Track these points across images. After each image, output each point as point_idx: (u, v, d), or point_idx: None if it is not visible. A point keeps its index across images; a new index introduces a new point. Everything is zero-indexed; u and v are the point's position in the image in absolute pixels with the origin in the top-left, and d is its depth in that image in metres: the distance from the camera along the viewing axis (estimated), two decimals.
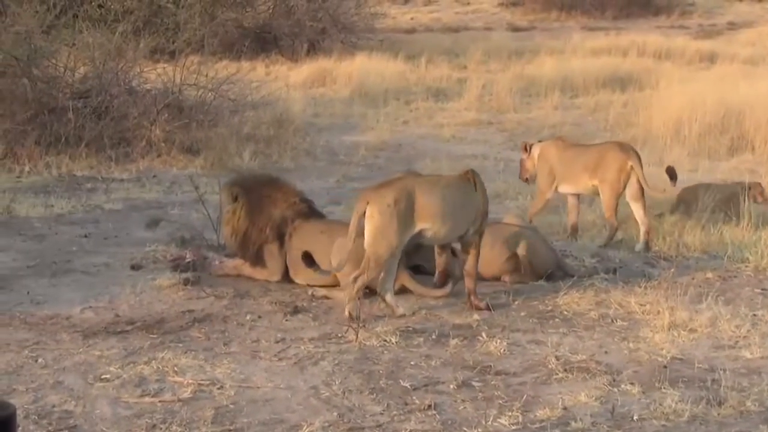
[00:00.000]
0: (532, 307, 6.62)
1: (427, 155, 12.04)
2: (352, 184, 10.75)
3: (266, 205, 7.07)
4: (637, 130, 13.35)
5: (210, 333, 6.04)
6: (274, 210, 7.05)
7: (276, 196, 7.10)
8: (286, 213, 7.04)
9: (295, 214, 7.05)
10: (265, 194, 7.12)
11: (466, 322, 6.27)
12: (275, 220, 7.03)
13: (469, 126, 14.57)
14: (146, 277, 7.09)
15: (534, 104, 16.39)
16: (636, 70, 19.09)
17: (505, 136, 13.94)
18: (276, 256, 7.03)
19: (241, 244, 7.14)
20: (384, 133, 13.63)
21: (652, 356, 5.72)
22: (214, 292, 6.80)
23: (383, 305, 6.44)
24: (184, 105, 12.57)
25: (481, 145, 13.24)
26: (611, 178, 8.17)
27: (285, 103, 14.47)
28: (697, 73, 18.46)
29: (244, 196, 7.13)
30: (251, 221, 7.08)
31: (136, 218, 9.02)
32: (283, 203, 7.08)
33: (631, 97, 16.47)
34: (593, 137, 13.08)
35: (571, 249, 8.08)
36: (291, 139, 12.67)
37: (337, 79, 18.58)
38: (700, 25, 32.04)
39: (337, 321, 6.20)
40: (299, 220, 7.03)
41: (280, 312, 6.44)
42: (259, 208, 7.07)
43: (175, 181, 10.65)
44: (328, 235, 6.87)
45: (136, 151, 11.60)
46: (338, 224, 7.10)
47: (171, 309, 6.48)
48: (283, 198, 7.10)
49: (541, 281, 7.12)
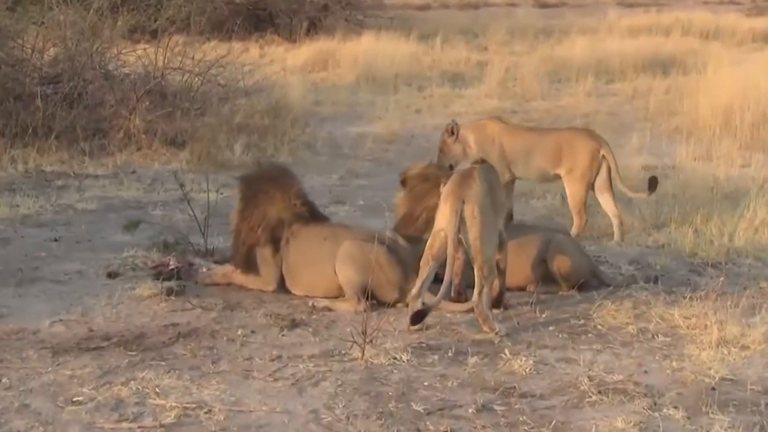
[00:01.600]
0: (561, 320, 6.59)
1: None
2: (358, 181, 10.74)
3: (261, 202, 7.06)
4: (681, 120, 13.32)
5: (196, 350, 6.01)
6: (270, 209, 7.04)
7: (274, 193, 7.07)
8: (282, 215, 7.02)
9: (292, 218, 7.03)
10: (263, 189, 7.10)
11: (487, 338, 6.23)
12: (270, 220, 7.01)
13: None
14: (124, 286, 7.07)
15: (564, 91, 16.36)
16: (680, 51, 19.07)
17: None
18: (270, 262, 7.02)
19: (233, 244, 7.16)
20: (394, 123, 13.61)
21: (699, 377, 5.68)
22: (201, 304, 6.78)
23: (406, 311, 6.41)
24: (167, 91, 12.59)
25: None
26: (582, 167, 8.30)
27: (282, 90, 14.48)
28: (749, 54, 18.44)
29: (241, 189, 7.17)
30: (243, 218, 7.08)
31: (112, 220, 9.00)
32: (281, 203, 7.05)
33: (674, 82, 16.43)
34: (631, 128, 13.08)
35: (607, 254, 8.06)
36: (288, 130, 12.65)
37: (340, 63, 18.59)
38: (753, 0, 31.97)
39: (340, 336, 6.16)
40: (298, 224, 7.02)
41: (275, 326, 6.41)
42: (253, 204, 7.07)
43: (157, 178, 10.63)
44: (332, 242, 6.86)
45: (113, 143, 11.60)
46: (343, 229, 7.08)
47: (152, 322, 6.46)
48: (282, 197, 7.06)
49: (572, 291, 7.11)
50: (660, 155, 11.62)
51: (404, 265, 6.75)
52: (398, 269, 6.73)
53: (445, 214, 6.22)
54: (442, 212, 6.26)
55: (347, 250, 6.75)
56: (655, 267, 7.79)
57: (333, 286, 6.81)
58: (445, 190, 6.33)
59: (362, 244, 6.76)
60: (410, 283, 6.64)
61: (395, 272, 6.72)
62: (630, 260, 7.93)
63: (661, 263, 7.87)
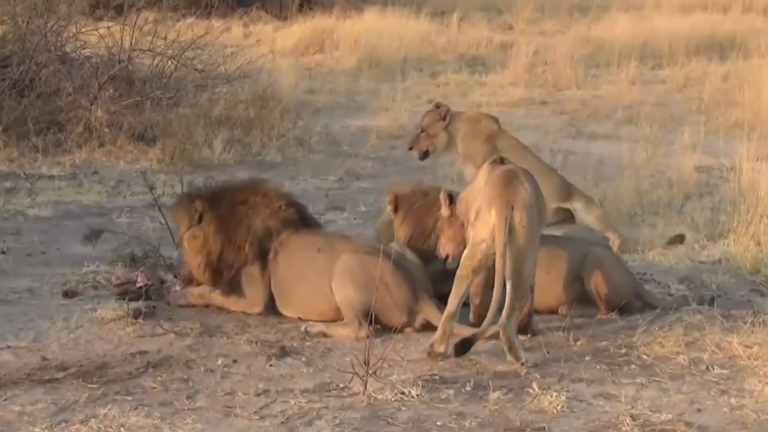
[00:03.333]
0: (600, 349, 6.59)
1: None
2: (359, 184, 10.77)
3: (243, 215, 7.07)
4: (741, 112, 13.32)
5: (168, 382, 6.00)
6: (254, 219, 7.06)
7: (254, 200, 7.10)
8: (269, 222, 7.04)
9: (281, 224, 7.05)
10: (239, 200, 7.12)
11: (512, 369, 6.22)
12: (256, 232, 7.04)
13: (516, 107, 14.57)
14: (83, 307, 7.09)
15: (603, 78, 16.38)
16: (740, 31, 19.05)
17: (565, 120, 13.93)
18: (257, 280, 7.03)
19: (214, 273, 7.13)
20: (402, 115, 13.59)
21: (762, 416, 5.66)
22: (175, 328, 6.78)
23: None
24: (134, 78, 12.58)
25: (533, 132, 13.19)
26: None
27: (270, 76, 14.46)
28: None
29: (210, 209, 7.13)
30: (226, 239, 7.07)
31: (70, 228, 8.99)
32: (265, 209, 7.07)
33: (733, 67, 16.43)
34: (682, 122, 13.08)
35: (653, 271, 8.06)
36: (278, 124, 12.67)
37: (339, 44, 18.61)
38: None
39: (338, 367, 6.14)
40: (287, 232, 7.04)
41: (262, 354, 6.42)
42: (234, 220, 7.07)
43: (123, 179, 10.65)
44: (327, 255, 6.87)
45: (71, 138, 11.62)
46: (341, 240, 7.10)
47: (116, 350, 6.45)
48: (264, 202, 7.09)
49: (612, 314, 7.12)
50: (716, 154, 11.63)
51: (413, 282, 6.76)
52: (406, 288, 6.73)
53: (489, 222, 6.26)
54: (484, 220, 6.29)
55: (346, 264, 6.75)
56: (711, 286, 7.80)
57: (330, 307, 6.83)
58: (487, 193, 6.34)
59: (363, 257, 6.76)
60: (420, 304, 6.68)
61: (402, 291, 6.71)
62: (680, 278, 7.94)
63: (718, 281, 7.88)
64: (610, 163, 11.30)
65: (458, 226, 6.92)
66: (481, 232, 6.30)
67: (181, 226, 7.24)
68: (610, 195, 9.93)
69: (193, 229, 7.11)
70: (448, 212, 6.96)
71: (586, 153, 12.06)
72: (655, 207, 9.81)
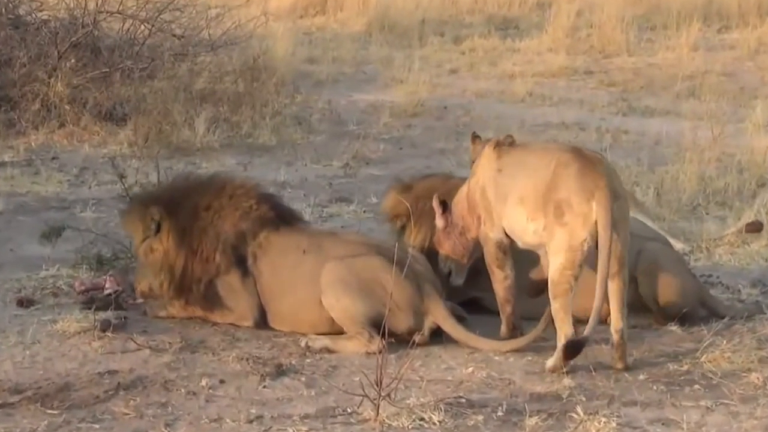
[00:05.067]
0: (656, 365, 6.58)
1: (488, 123, 11.96)
2: (369, 171, 10.76)
3: (208, 223, 7.11)
4: None
5: (143, 407, 5.95)
6: (223, 225, 7.10)
7: (219, 201, 7.15)
8: (241, 225, 7.09)
9: (256, 224, 7.09)
10: (202, 204, 7.15)
11: (551, 390, 6.22)
12: (227, 239, 7.08)
13: (555, 77, 14.57)
14: (42, 318, 7.09)
15: (660, 43, 16.35)
16: None
17: (614, 94, 13.92)
18: (239, 290, 7.06)
19: (180, 290, 7.15)
20: (420, 88, 13.59)
21: None
22: (150, 343, 6.78)
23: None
24: (101, 45, 12.58)
25: (575, 107, 13.23)
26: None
27: (262, 42, 14.45)
28: None
29: (168, 218, 7.15)
30: (190, 251, 7.09)
31: (25, 225, 9.01)
32: (234, 212, 7.12)
33: None
34: (754, 94, 13.03)
35: (720, 273, 8.05)
36: (272, 99, 12.67)
37: (344, 3, 18.56)
38: None
39: (344, 388, 6.11)
40: (265, 232, 7.08)
41: (254, 374, 6.40)
42: (198, 229, 7.10)
43: (88, 166, 10.65)
44: (314, 256, 6.91)
45: (26, 118, 11.63)
46: (327, 237, 7.14)
47: (81, 369, 6.43)
48: (232, 202, 7.15)
49: (671, 324, 7.11)
50: None
51: (416, 280, 6.76)
52: (408, 286, 6.74)
53: (589, 216, 6.32)
54: (583, 215, 6.32)
55: (333, 274, 6.78)
56: None
57: (322, 318, 6.84)
58: (574, 184, 6.35)
59: (350, 261, 6.80)
60: (427, 304, 6.69)
61: (405, 290, 6.72)
62: (753, 281, 7.93)
63: None
64: (668, 145, 11.29)
65: (457, 235, 6.99)
66: (578, 231, 6.32)
67: (135, 235, 7.26)
68: (668, 182, 9.91)
69: (149, 240, 7.14)
70: (443, 222, 7.01)
71: (639, 132, 12.06)
72: (721, 196, 9.83)
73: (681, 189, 9.79)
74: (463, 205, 6.89)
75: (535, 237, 6.49)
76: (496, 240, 6.76)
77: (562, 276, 6.34)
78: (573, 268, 6.32)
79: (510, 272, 6.76)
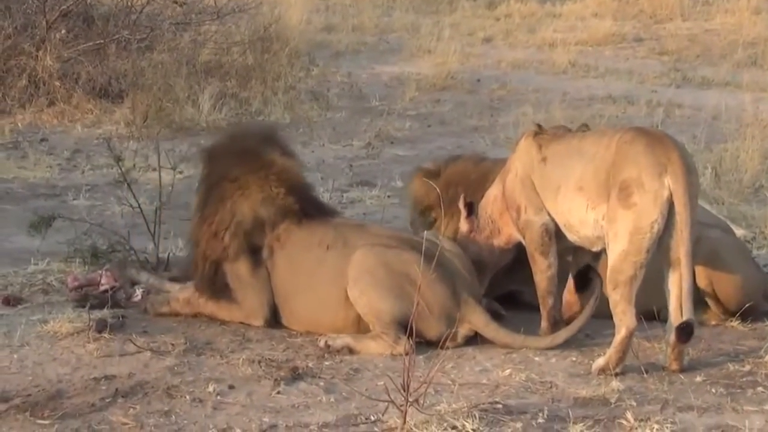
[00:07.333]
0: (715, 366, 6.61)
1: (526, 98, 12.03)
2: (393, 151, 10.73)
3: (228, 195, 7.11)
4: None
5: (144, 416, 5.96)
6: (242, 204, 7.08)
7: (247, 178, 7.12)
8: (260, 211, 7.07)
9: (276, 214, 7.08)
10: (231, 173, 7.14)
11: (598, 394, 6.23)
12: (242, 222, 7.07)
13: (601, 45, 14.64)
14: (30, 318, 7.13)
15: (717, 5, 16.35)
16: None
17: (666, 63, 13.97)
18: (249, 282, 7.08)
19: (192, 259, 7.20)
20: (450, 59, 13.62)
21: None
22: (152, 344, 6.80)
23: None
24: (94, 13, 12.61)
25: (624, 78, 13.26)
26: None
27: (274, 10, 14.54)
28: None
29: (203, 169, 7.30)
30: (201, 218, 7.14)
31: (11, 214, 9.04)
32: (258, 193, 7.10)
33: None
34: None
35: None
36: (285, 73, 12.70)
37: None
38: None
39: (368, 393, 6.15)
40: (285, 224, 7.06)
41: (267, 378, 6.41)
42: (216, 197, 7.13)
43: (81, 149, 10.69)
44: (338, 252, 6.87)
45: (12, 95, 11.67)
46: (355, 230, 7.06)
47: (75, 374, 6.43)
48: (260, 183, 7.11)
49: (732, 320, 7.10)
50: None
51: (452, 281, 6.72)
52: (442, 289, 6.76)
53: (660, 194, 6.32)
54: (653, 191, 6.31)
55: (361, 263, 6.74)
56: None
57: (344, 321, 6.79)
58: (644, 160, 6.34)
59: (382, 251, 6.75)
60: (463, 310, 6.66)
61: (438, 294, 6.74)
62: None
63: None
64: (727, 119, 11.31)
65: (483, 240, 7.07)
66: (648, 211, 6.34)
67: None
68: (727, 161, 9.88)
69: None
70: (468, 226, 7.09)
71: (695, 106, 12.12)
72: None
73: (742, 169, 9.76)
74: (495, 206, 6.91)
75: (595, 228, 6.50)
76: (542, 223, 6.79)
77: (625, 263, 6.34)
78: (639, 253, 6.32)
79: (554, 260, 6.76)
